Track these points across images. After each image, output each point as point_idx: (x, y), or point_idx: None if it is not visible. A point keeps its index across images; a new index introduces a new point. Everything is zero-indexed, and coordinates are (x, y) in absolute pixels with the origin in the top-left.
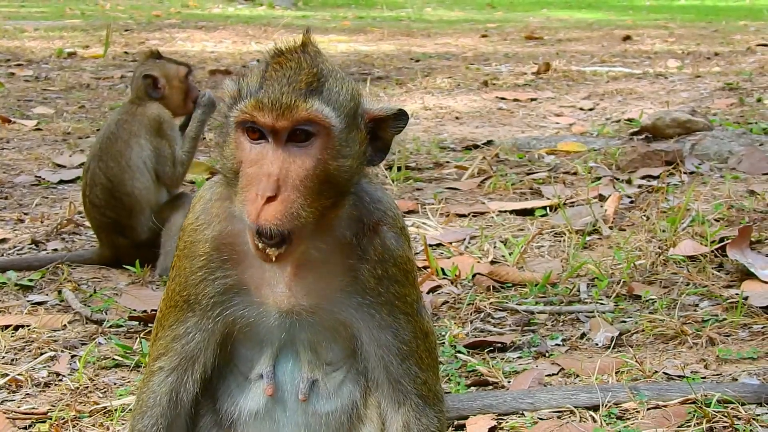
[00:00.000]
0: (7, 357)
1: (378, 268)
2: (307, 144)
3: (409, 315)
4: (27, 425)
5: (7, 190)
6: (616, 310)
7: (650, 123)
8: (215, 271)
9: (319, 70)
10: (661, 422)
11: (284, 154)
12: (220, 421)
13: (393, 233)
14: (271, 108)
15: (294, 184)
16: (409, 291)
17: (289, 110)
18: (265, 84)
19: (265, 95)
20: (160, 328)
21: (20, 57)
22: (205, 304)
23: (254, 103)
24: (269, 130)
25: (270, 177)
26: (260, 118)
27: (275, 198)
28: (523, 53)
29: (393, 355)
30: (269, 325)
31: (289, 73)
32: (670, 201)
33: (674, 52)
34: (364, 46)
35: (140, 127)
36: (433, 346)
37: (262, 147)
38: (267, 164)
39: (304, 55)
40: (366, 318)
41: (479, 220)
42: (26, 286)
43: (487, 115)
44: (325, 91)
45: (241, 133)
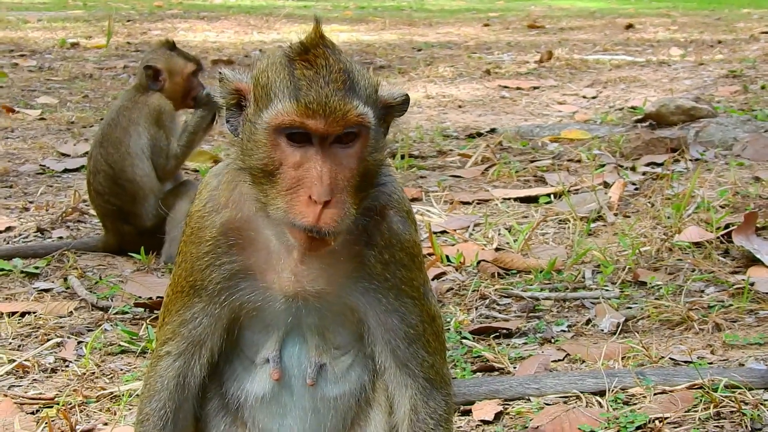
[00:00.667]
0: (14, 343)
1: (385, 253)
2: (350, 145)
3: (416, 299)
4: (34, 410)
5: (12, 178)
6: (622, 297)
7: (654, 110)
8: (221, 256)
9: (345, 66)
10: (667, 407)
11: (331, 156)
12: (227, 404)
13: (399, 217)
14: (321, 113)
15: (343, 185)
16: (416, 275)
17: (341, 115)
18: (302, 86)
19: (312, 100)
20: (167, 314)
21: (23, 47)
22: (211, 290)
23: (302, 109)
24: (318, 134)
25: (323, 182)
26: (310, 124)
27: (330, 202)
28: (526, 42)
29: (400, 338)
30: (275, 310)
31: (323, 72)
32: (675, 188)
33: (677, 40)
34: (366, 36)
35: (140, 115)
36: (440, 329)
37: (305, 150)
38: (316, 168)
39: (326, 50)
40: (373, 302)
41: (483, 208)
42: (32, 274)
43: (490, 104)
44: (360, 90)
45: (279, 136)
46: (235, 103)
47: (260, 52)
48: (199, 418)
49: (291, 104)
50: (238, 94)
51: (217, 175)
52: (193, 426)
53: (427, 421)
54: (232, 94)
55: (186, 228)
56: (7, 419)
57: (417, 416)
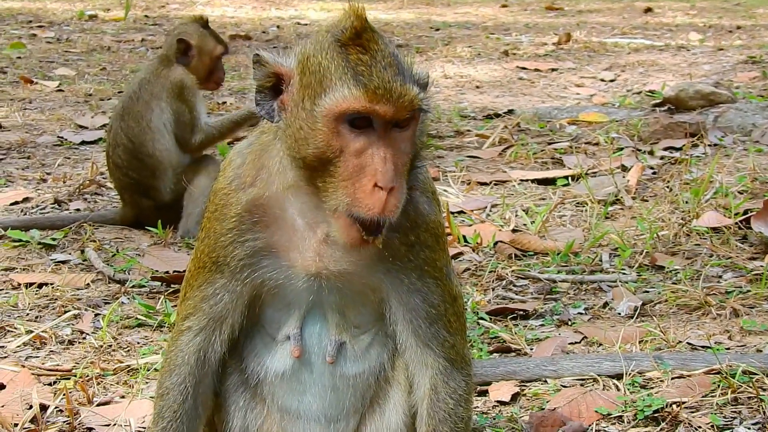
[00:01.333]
0: (32, 314)
1: (410, 235)
2: (406, 129)
3: (438, 279)
4: (51, 381)
5: (29, 149)
6: (639, 280)
7: (673, 95)
8: (245, 233)
9: (392, 50)
10: (685, 392)
11: (392, 141)
12: (246, 380)
13: (425, 198)
14: (389, 98)
15: (401, 170)
16: (440, 255)
17: (408, 100)
18: (362, 71)
19: (378, 85)
20: (188, 289)
21: (42, 18)
22: (234, 266)
23: (369, 95)
24: (384, 120)
25: (388, 168)
26: (379, 109)
27: (393, 189)
28: (544, 24)
29: (421, 318)
30: (297, 288)
31: (378, 57)
32: (693, 173)
33: (696, 24)
34: (383, 14)
35: (162, 89)
36: (461, 310)
37: (367, 136)
38: (380, 153)
39: (374, 34)
40: (395, 282)
41: (500, 189)
42: (49, 245)
43: (508, 85)
44: (408, 72)
45: (341, 123)
46: (270, 87)
47: (277, 28)
48: (218, 392)
49: (357, 90)
50: (276, 78)
51: (240, 152)
52: (212, 401)
53: (447, 401)
54: (269, 78)
55: (210, 204)
56: (25, 390)
57: (437, 396)
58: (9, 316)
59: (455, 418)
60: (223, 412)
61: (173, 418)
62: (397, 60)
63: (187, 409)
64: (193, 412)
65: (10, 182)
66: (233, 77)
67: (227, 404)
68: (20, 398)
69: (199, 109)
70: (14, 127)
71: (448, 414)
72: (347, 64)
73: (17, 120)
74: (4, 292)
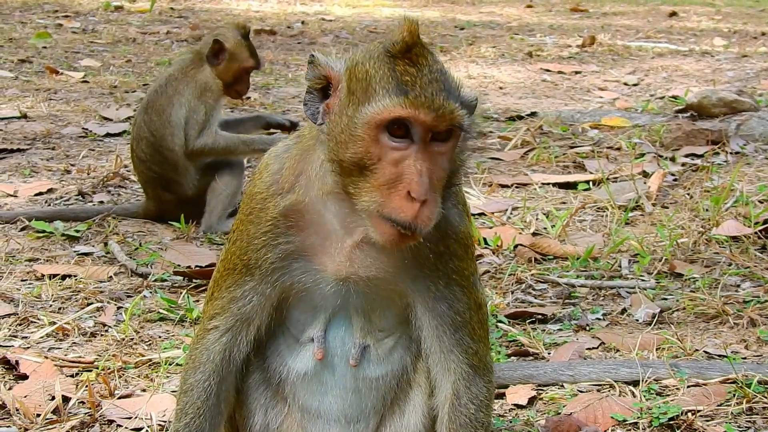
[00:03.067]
0: (54, 306)
1: (440, 245)
2: (446, 144)
3: (465, 287)
4: (74, 373)
5: (54, 140)
6: (658, 287)
7: (696, 101)
8: (278, 237)
9: (441, 67)
10: (700, 400)
11: (430, 154)
12: (268, 379)
13: (457, 210)
14: (430, 108)
15: (437, 185)
16: (467, 264)
17: (448, 112)
18: (407, 82)
19: (419, 94)
20: (216, 289)
21: (68, 9)
22: (265, 269)
23: (411, 103)
24: (423, 130)
25: (423, 180)
26: (419, 117)
27: (427, 201)
28: (568, 25)
29: (447, 325)
30: (325, 292)
31: (425, 71)
32: (714, 180)
33: (720, 30)
34: (408, 12)
35: (186, 87)
36: (485, 317)
37: (405, 146)
38: (417, 165)
39: (425, 49)
40: (422, 289)
41: (522, 192)
42: (73, 237)
43: (531, 87)
44: (454, 89)
45: (381, 131)
46: (319, 89)
47: (302, 23)
48: (240, 390)
49: (399, 99)
50: (326, 81)
51: (278, 157)
52: (234, 398)
53: (468, 406)
54: (319, 80)
55: (244, 207)
56: (48, 381)
57: (459, 401)
58: (32, 306)
59: (476, 424)
60: (245, 409)
61: (196, 414)
62: (443, 76)
63: (210, 406)
64: (216, 409)
65: (34, 173)
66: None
67: (249, 402)
68: (43, 389)
69: (215, 115)
70: (39, 117)
71: (468, 419)
72: (393, 75)
73: (42, 110)
74: (28, 283)
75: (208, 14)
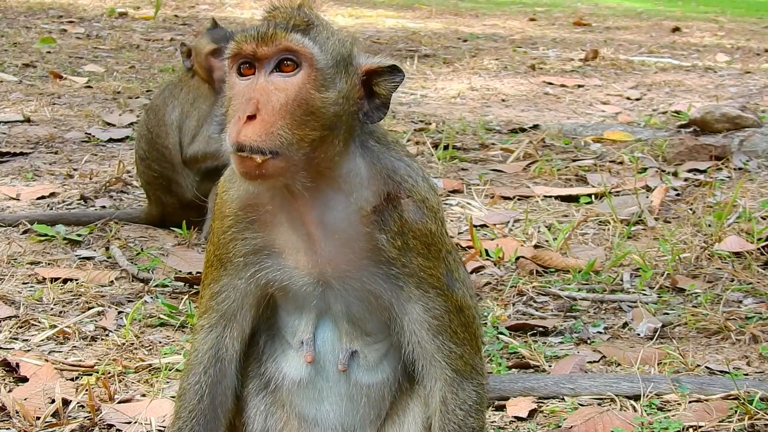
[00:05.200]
0: (56, 309)
1: (398, 240)
2: (291, 74)
3: (439, 289)
4: (74, 377)
5: (57, 144)
6: (659, 302)
7: (699, 116)
8: (244, 231)
9: (309, 20)
10: (702, 416)
11: (267, 81)
12: (266, 385)
13: (413, 205)
14: (254, 37)
15: (275, 107)
16: (435, 264)
17: (271, 39)
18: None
19: (252, 30)
20: (202, 288)
21: (72, 14)
22: (236, 263)
23: (241, 36)
24: (253, 58)
25: (251, 100)
26: (245, 47)
27: (255, 118)
28: (571, 39)
29: (425, 329)
30: (304, 292)
31: (279, 18)
32: (717, 196)
33: (723, 46)
34: (411, 23)
35: (180, 91)
36: (469, 320)
37: (248, 80)
38: (250, 91)
39: (297, 10)
40: (395, 290)
41: (524, 204)
42: (74, 241)
43: (534, 99)
44: (312, 32)
45: (232, 71)
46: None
47: None
48: (240, 396)
49: (235, 36)
50: None
51: None
52: (233, 404)
53: (456, 412)
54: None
55: (215, 202)
56: (48, 384)
57: (446, 407)
58: (34, 309)
59: (465, 430)
60: (244, 415)
61: (188, 418)
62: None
63: (202, 410)
64: (211, 414)
65: (37, 176)
66: None
67: (248, 408)
68: (43, 392)
69: (209, 122)
70: (43, 121)
71: (458, 425)
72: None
73: (46, 115)
74: (29, 286)
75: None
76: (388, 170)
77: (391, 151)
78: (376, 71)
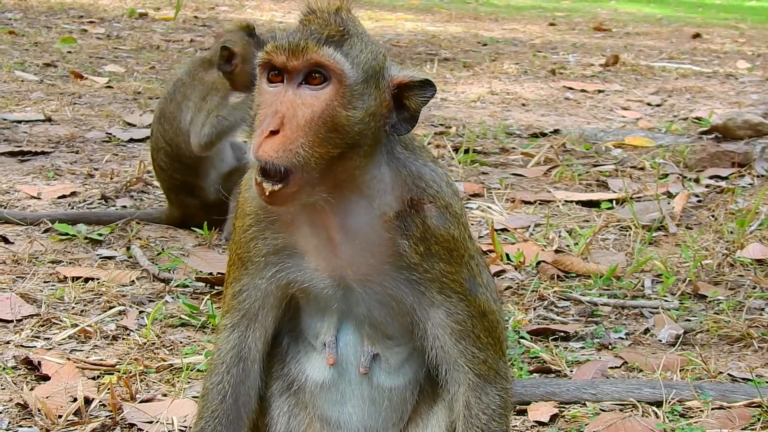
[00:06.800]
0: (77, 308)
1: (420, 245)
2: (319, 88)
3: (461, 294)
4: (95, 376)
5: (78, 144)
6: (681, 308)
7: (721, 123)
8: (265, 231)
9: (345, 29)
10: (725, 423)
11: (295, 94)
12: (289, 386)
13: (436, 211)
14: (285, 49)
15: (299, 123)
16: (457, 269)
17: (301, 51)
18: (289, 33)
19: (284, 39)
20: (225, 287)
21: (93, 14)
22: (257, 263)
23: (272, 46)
24: (283, 69)
25: (276, 113)
26: (276, 58)
27: (278, 133)
28: (591, 44)
29: (448, 334)
30: (326, 294)
31: (314, 27)
32: (739, 203)
33: (744, 53)
34: (431, 27)
35: (193, 91)
36: (493, 324)
37: (277, 88)
38: (277, 102)
39: (334, 17)
40: (417, 295)
41: (545, 208)
42: (95, 240)
43: (554, 104)
44: (345, 45)
45: (262, 78)
46: None
47: None
48: (263, 397)
49: (267, 45)
50: None
51: None
52: (257, 404)
53: (479, 417)
54: None
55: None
56: (70, 383)
57: (470, 411)
58: (55, 308)
59: None
60: (268, 416)
61: (211, 418)
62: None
63: (225, 410)
64: (234, 414)
65: (58, 176)
66: None
67: (271, 409)
68: (65, 390)
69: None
70: (64, 121)
71: (482, 430)
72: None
73: (67, 114)
74: (51, 285)
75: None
76: (414, 176)
77: (416, 156)
78: (408, 85)
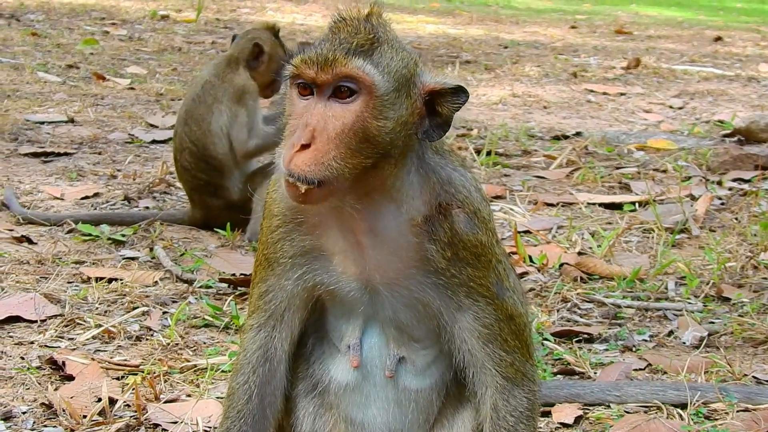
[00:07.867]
0: (101, 308)
1: (447, 250)
2: (349, 100)
3: (488, 298)
4: (119, 376)
5: (101, 145)
6: (705, 311)
7: (743, 126)
8: (292, 232)
9: (375, 36)
10: (750, 425)
11: (325, 107)
12: (314, 387)
13: (464, 216)
14: (314, 62)
15: (330, 136)
16: (484, 274)
17: (330, 65)
18: (319, 43)
19: (313, 51)
20: (252, 287)
21: (115, 16)
22: (283, 264)
23: (301, 59)
24: (312, 84)
25: (307, 127)
26: (305, 71)
27: (309, 147)
28: (612, 47)
29: (475, 338)
30: (352, 297)
31: (344, 35)
32: (762, 206)
33: (766, 56)
34: (452, 29)
35: (224, 93)
36: (520, 328)
37: (308, 101)
38: (307, 115)
39: (364, 24)
40: (444, 299)
41: (567, 211)
42: (119, 241)
43: (576, 107)
44: (376, 54)
45: (293, 90)
46: None
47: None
48: (289, 398)
49: (296, 57)
50: None
51: None
52: (282, 404)
53: (507, 419)
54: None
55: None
56: (95, 383)
57: (497, 414)
58: (79, 308)
59: None
60: (293, 417)
61: (237, 417)
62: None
63: (251, 410)
64: (259, 414)
65: (81, 177)
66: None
67: (297, 409)
68: (89, 391)
69: (258, 115)
70: (86, 122)
71: None
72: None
73: (89, 115)
74: (74, 285)
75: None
76: (443, 181)
77: (447, 160)
78: (440, 92)
